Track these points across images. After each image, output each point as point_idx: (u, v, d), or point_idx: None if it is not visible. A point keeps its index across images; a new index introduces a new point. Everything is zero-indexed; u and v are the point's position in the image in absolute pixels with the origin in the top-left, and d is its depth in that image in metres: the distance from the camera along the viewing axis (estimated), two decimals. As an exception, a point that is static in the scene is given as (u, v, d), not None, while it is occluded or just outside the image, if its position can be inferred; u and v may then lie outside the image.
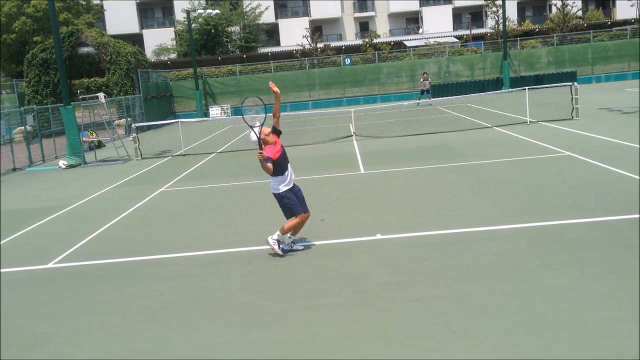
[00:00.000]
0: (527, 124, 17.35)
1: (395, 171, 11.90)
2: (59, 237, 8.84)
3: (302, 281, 6.03)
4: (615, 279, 5.29)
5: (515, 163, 11.47)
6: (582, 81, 34.48)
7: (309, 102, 36.69)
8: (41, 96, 29.83)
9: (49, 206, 11.38)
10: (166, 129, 28.38)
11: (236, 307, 5.48)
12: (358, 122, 18.93)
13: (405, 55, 39.37)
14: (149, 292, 6.09)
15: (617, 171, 9.78)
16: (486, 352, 4.17)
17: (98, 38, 30.72)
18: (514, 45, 38.46)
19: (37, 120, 20.42)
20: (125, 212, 10.22)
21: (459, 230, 7.18)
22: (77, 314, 5.65)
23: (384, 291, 5.52)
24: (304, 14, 56.91)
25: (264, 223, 8.60)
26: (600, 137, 13.62)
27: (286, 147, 7.22)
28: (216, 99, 36.52)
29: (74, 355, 4.77)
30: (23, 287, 6.66)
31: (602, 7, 55.59)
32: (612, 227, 6.85)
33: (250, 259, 6.92)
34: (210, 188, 11.98)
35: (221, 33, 48.03)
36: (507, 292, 5.22)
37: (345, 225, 8.06)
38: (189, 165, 15.47)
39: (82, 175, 15.78)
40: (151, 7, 56.79)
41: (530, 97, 18.79)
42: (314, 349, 4.50)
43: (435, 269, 6.00)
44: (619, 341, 4.17)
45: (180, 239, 8.09)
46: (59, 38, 17.56)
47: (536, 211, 7.82)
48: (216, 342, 4.75)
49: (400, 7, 56.06)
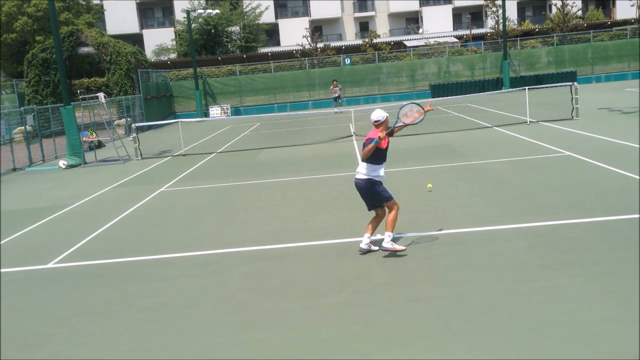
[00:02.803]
0: (527, 124, 17.35)
1: (395, 171, 11.89)
2: (59, 237, 8.84)
3: (302, 281, 6.03)
4: (615, 279, 5.29)
5: (515, 163, 11.48)
6: (582, 81, 34.48)
7: (309, 102, 36.69)
8: (41, 96, 29.83)
9: (49, 206, 11.38)
10: (166, 129, 28.38)
11: (236, 307, 5.48)
12: (358, 122, 18.93)
13: (405, 55, 39.37)
14: (149, 292, 6.09)
15: (617, 171, 9.78)
16: (486, 352, 4.17)
17: (98, 38, 30.73)
18: (514, 45, 38.46)
19: (37, 120, 20.42)
20: (125, 212, 10.22)
21: (459, 230, 7.18)
22: (77, 314, 5.65)
23: (384, 291, 5.52)
24: (304, 14, 56.89)
25: (264, 223, 8.61)
26: (600, 137, 13.62)
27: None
28: (216, 99, 36.52)
29: (74, 355, 4.77)
30: (23, 287, 6.65)
31: (602, 7, 55.57)
32: (612, 227, 6.85)
33: (250, 259, 6.92)
34: (210, 188, 11.98)
35: (221, 33, 48.02)
36: (507, 292, 5.22)
37: (345, 225, 8.06)
38: (189, 165, 15.47)
39: (82, 175, 15.78)
40: (151, 7, 56.77)
41: (530, 97, 18.79)
42: (314, 349, 4.50)
43: (435, 269, 6.00)
44: (619, 341, 4.16)
45: (180, 239, 8.09)
46: (59, 38, 17.56)
47: (536, 211, 7.82)
48: (216, 342, 4.75)
49: (400, 7, 56.04)
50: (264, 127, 26.07)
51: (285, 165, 13.98)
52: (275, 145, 17.85)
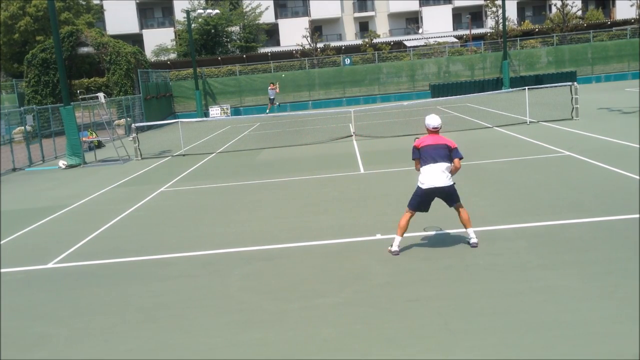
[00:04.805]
0: (527, 124, 17.35)
1: (395, 171, 11.89)
2: (59, 237, 8.84)
3: (302, 281, 6.03)
4: (615, 279, 5.29)
5: (515, 163, 11.47)
6: (582, 81, 34.47)
7: (309, 102, 36.70)
8: (41, 96, 29.81)
9: (49, 206, 11.38)
10: (166, 129, 28.37)
11: (236, 307, 5.48)
12: (358, 122, 18.93)
13: (405, 55, 39.37)
14: (149, 292, 6.09)
15: (617, 171, 9.78)
16: (486, 352, 4.17)
17: (98, 38, 30.72)
18: (514, 45, 38.46)
19: (36, 120, 20.41)
20: (125, 212, 10.21)
21: (458, 230, 7.18)
22: (77, 314, 5.65)
23: (384, 291, 5.52)
24: (304, 14, 56.89)
25: (264, 223, 8.60)
26: (600, 137, 13.62)
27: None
28: (216, 99, 36.52)
29: (73, 355, 4.77)
30: (23, 287, 6.65)
31: (602, 7, 55.58)
32: (612, 227, 6.86)
33: (250, 259, 6.92)
34: (210, 188, 11.98)
35: (221, 33, 48.01)
36: (507, 292, 5.22)
37: (345, 225, 8.06)
38: (189, 165, 15.47)
39: (82, 175, 15.77)
40: (151, 7, 56.76)
41: (530, 97, 18.79)
42: (314, 349, 4.50)
43: (435, 269, 6.00)
44: (619, 341, 4.16)
45: (180, 239, 8.09)
46: (58, 38, 17.56)
47: (536, 211, 7.82)
48: (216, 342, 4.75)
49: (400, 7, 56.04)
50: (263, 127, 26.07)
51: (285, 165, 13.98)
52: (275, 145, 17.85)
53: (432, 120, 6.59)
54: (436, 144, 6.46)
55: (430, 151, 6.43)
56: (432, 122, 6.58)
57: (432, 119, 6.61)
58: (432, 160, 6.41)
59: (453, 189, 6.50)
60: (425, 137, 6.57)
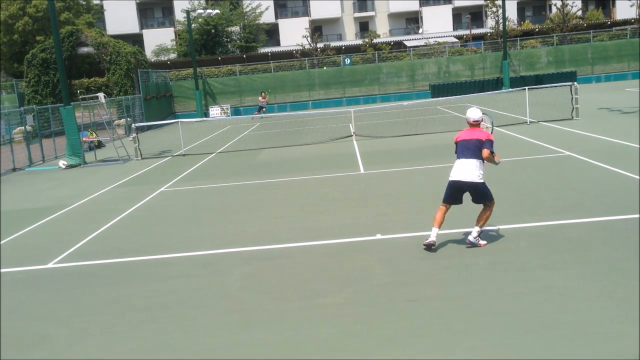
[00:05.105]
0: (527, 124, 17.35)
1: (395, 171, 11.90)
2: (59, 237, 8.83)
3: (302, 281, 6.02)
4: (615, 279, 5.29)
5: (515, 163, 11.47)
6: (582, 81, 34.46)
7: (309, 102, 36.70)
8: (41, 96, 29.82)
9: (49, 206, 11.38)
10: (166, 129, 28.37)
11: (236, 307, 5.48)
12: (358, 122, 18.93)
13: (405, 55, 39.37)
14: (149, 292, 6.09)
15: (617, 171, 9.78)
16: (486, 352, 4.17)
17: (98, 38, 30.72)
18: (514, 45, 38.47)
19: (37, 120, 20.42)
20: (125, 212, 10.21)
21: (458, 230, 7.18)
22: (77, 314, 5.65)
23: (384, 291, 5.52)
24: (304, 14, 56.89)
25: (264, 223, 8.60)
26: (600, 137, 13.62)
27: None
28: (216, 99, 36.52)
29: (73, 355, 4.77)
30: (23, 287, 6.65)
31: (602, 7, 55.58)
32: (612, 227, 6.86)
33: (250, 259, 6.92)
34: (210, 188, 11.98)
35: (221, 33, 48.01)
36: (507, 292, 5.22)
37: (345, 225, 8.06)
38: (189, 165, 15.47)
39: (82, 175, 15.77)
40: (151, 7, 56.77)
41: (530, 97, 18.79)
42: (314, 349, 4.50)
43: (435, 269, 6.00)
44: (619, 341, 4.17)
45: (180, 239, 8.09)
46: (58, 38, 17.56)
47: (536, 211, 7.82)
48: (216, 342, 4.75)
49: (400, 7, 56.04)
50: (263, 126, 26.06)
51: (285, 165, 13.98)
52: (275, 145, 17.84)
53: (472, 114, 6.66)
54: (469, 139, 6.52)
55: (462, 146, 6.54)
56: (472, 116, 6.64)
57: (471, 112, 6.69)
58: (463, 156, 6.50)
59: (481, 187, 6.50)
60: (462, 132, 6.67)
